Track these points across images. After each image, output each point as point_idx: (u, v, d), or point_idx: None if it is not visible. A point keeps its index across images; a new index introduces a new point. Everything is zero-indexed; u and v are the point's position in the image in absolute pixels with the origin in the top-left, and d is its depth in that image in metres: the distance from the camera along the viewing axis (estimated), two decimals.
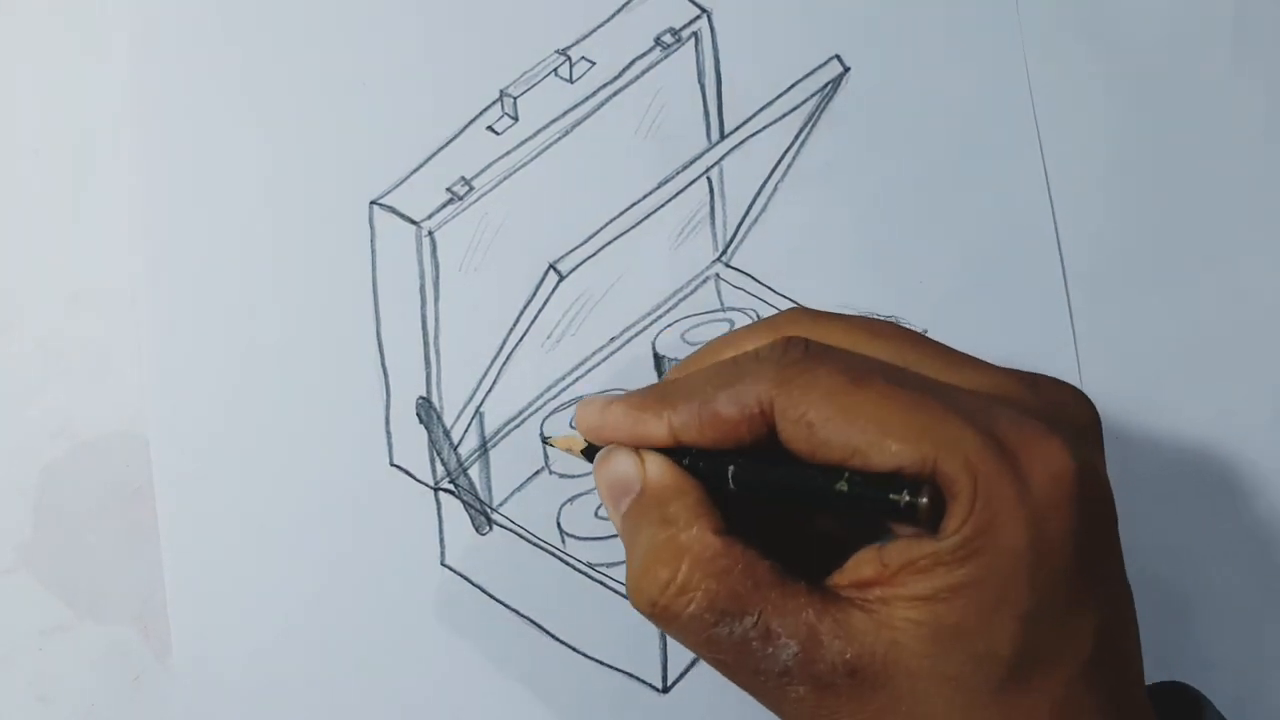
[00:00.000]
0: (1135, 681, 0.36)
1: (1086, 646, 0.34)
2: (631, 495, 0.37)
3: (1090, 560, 0.34)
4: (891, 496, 0.33)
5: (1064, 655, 0.34)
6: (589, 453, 0.39)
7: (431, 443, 0.47)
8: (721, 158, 0.48)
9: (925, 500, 0.33)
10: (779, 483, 0.35)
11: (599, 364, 0.48)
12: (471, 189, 0.46)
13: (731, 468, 0.36)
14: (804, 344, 0.36)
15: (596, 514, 0.47)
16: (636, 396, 0.37)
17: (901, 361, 0.36)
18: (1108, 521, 0.35)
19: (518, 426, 0.48)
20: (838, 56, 0.50)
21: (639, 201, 0.47)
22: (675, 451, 0.37)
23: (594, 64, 0.48)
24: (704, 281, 0.50)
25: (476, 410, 0.47)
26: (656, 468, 0.37)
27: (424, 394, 0.47)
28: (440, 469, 0.47)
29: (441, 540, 0.47)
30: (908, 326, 0.38)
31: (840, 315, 0.38)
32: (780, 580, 0.34)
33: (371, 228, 0.47)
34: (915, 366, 0.36)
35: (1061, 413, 0.35)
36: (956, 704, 0.33)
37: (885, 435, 0.33)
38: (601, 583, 0.47)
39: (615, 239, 0.46)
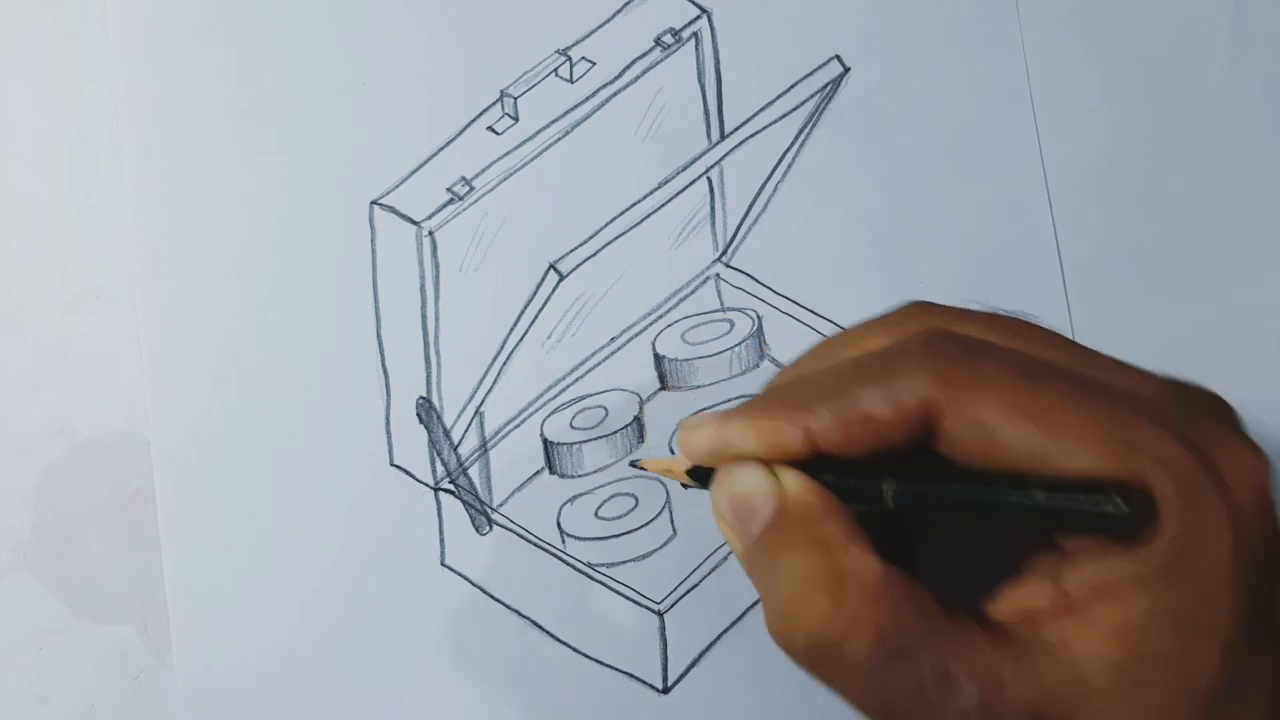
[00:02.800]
0: None
1: (1275, 677, 0.30)
2: (763, 519, 0.32)
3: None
4: (1101, 507, 0.29)
5: (1257, 687, 0.30)
6: (698, 474, 0.34)
7: (431, 443, 0.47)
8: (722, 158, 0.48)
9: (1136, 506, 0.29)
10: (952, 499, 0.30)
11: (599, 364, 0.48)
12: (472, 189, 0.46)
13: (893, 483, 0.31)
14: (957, 338, 0.31)
15: (596, 514, 0.47)
16: (758, 405, 0.32)
17: (1057, 361, 0.31)
18: None
19: (518, 426, 0.48)
20: (838, 57, 0.50)
21: (639, 201, 0.47)
22: (812, 466, 0.32)
23: (594, 64, 0.48)
24: (704, 281, 0.50)
25: (477, 410, 0.47)
26: (797, 483, 0.32)
27: (424, 394, 0.47)
28: (440, 469, 0.47)
29: (441, 540, 0.47)
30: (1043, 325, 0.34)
31: (970, 311, 0.33)
32: (952, 615, 0.30)
33: (372, 228, 0.47)
34: (1070, 364, 0.31)
35: (1232, 419, 0.32)
36: None
37: (1075, 438, 0.29)
38: (602, 583, 0.47)
39: (615, 239, 0.46)
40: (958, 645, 0.30)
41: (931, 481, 0.31)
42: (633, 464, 0.39)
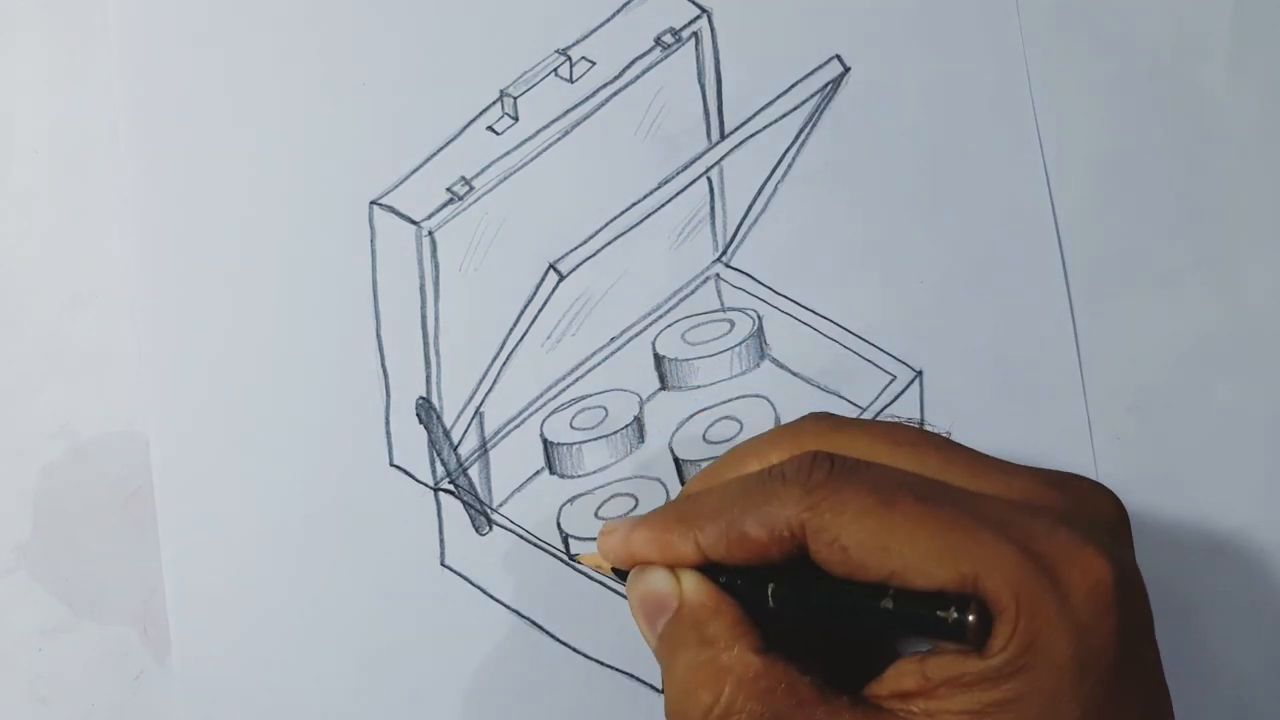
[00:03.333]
0: None
1: None
2: (667, 614, 0.36)
3: (1131, 664, 0.33)
4: (939, 614, 0.33)
5: None
6: (620, 572, 0.39)
7: (431, 443, 0.47)
8: (722, 158, 0.48)
9: (973, 618, 0.32)
10: (820, 603, 0.35)
11: (599, 364, 0.48)
12: (472, 189, 0.46)
13: (771, 586, 0.35)
14: (829, 461, 0.35)
15: (596, 514, 0.47)
16: (659, 518, 0.37)
17: (927, 471, 0.35)
18: (1145, 622, 0.34)
19: (518, 427, 0.48)
20: (838, 56, 0.50)
21: (639, 201, 0.47)
22: (711, 567, 0.36)
23: (594, 64, 0.48)
24: (704, 281, 0.50)
25: (476, 410, 0.47)
26: (693, 585, 0.36)
27: (424, 394, 0.47)
28: (440, 469, 0.47)
29: (441, 540, 0.47)
30: (931, 430, 0.39)
31: (862, 423, 0.38)
32: (823, 697, 0.34)
33: (372, 228, 0.47)
34: (941, 475, 0.35)
35: (1092, 514, 0.35)
36: None
37: (923, 557, 0.33)
38: (602, 583, 0.47)
39: (615, 239, 0.46)
40: None
41: (805, 587, 0.35)
42: (572, 558, 0.46)
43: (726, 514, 0.36)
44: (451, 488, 0.47)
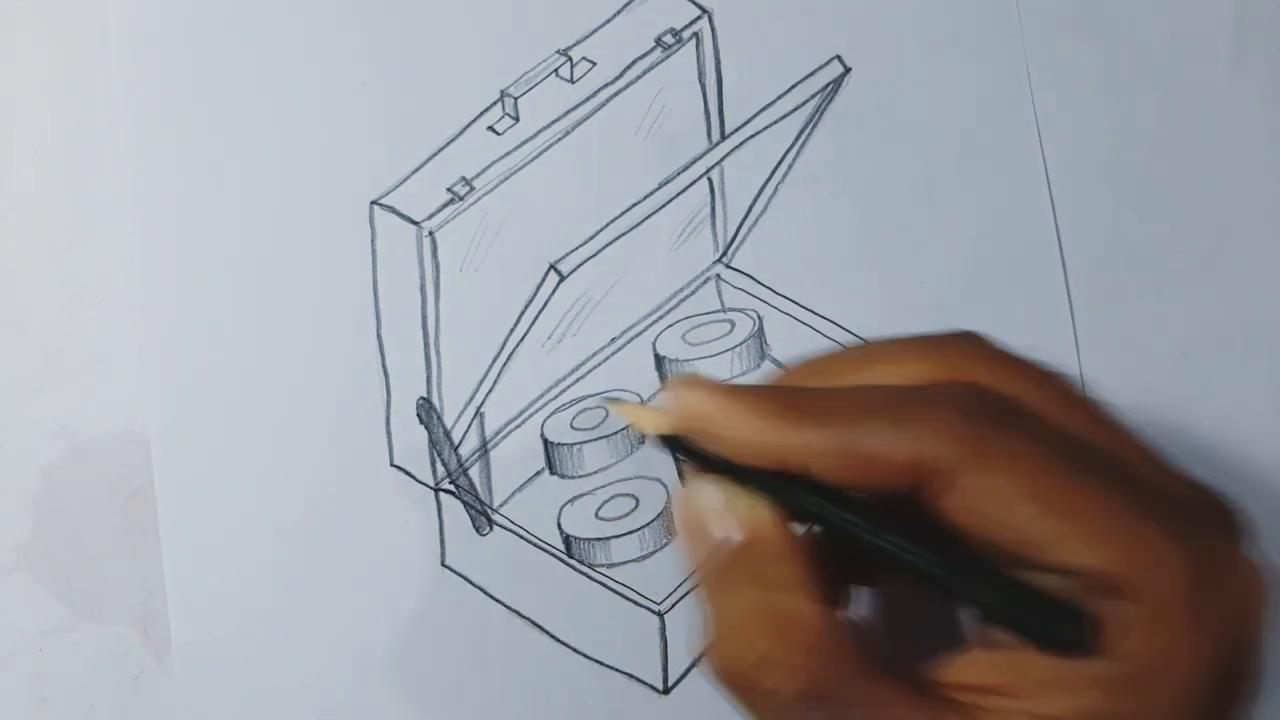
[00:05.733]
0: None
1: None
2: (725, 541, 0.31)
3: (1229, 701, 0.30)
4: (1056, 626, 0.29)
5: None
6: (669, 441, 0.32)
7: (432, 443, 0.47)
8: (722, 158, 0.48)
9: (1085, 633, 0.29)
10: (924, 568, 0.30)
11: (600, 364, 0.48)
12: (472, 189, 0.46)
13: (874, 530, 0.30)
14: (993, 399, 0.30)
15: (597, 514, 0.47)
16: (766, 398, 0.31)
17: (1093, 439, 0.31)
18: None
19: (518, 427, 0.48)
20: (839, 57, 0.50)
21: (640, 202, 0.47)
22: (790, 486, 0.31)
23: (595, 64, 0.48)
24: (705, 282, 0.50)
25: (477, 411, 0.47)
26: (764, 518, 0.31)
27: (424, 394, 0.47)
28: (441, 469, 0.47)
29: (442, 541, 0.47)
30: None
31: (1024, 363, 0.33)
32: (882, 675, 0.30)
33: (372, 228, 0.47)
34: (1105, 445, 0.31)
35: (1240, 530, 0.32)
36: None
37: (1080, 533, 0.29)
38: (602, 584, 0.47)
39: (616, 239, 0.46)
40: (886, 702, 0.30)
41: (904, 539, 0.30)
42: (608, 403, 0.40)
43: (853, 422, 0.30)
44: (452, 488, 0.47)
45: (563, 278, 0.45)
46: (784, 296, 0.49)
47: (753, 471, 0.31)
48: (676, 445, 0.32)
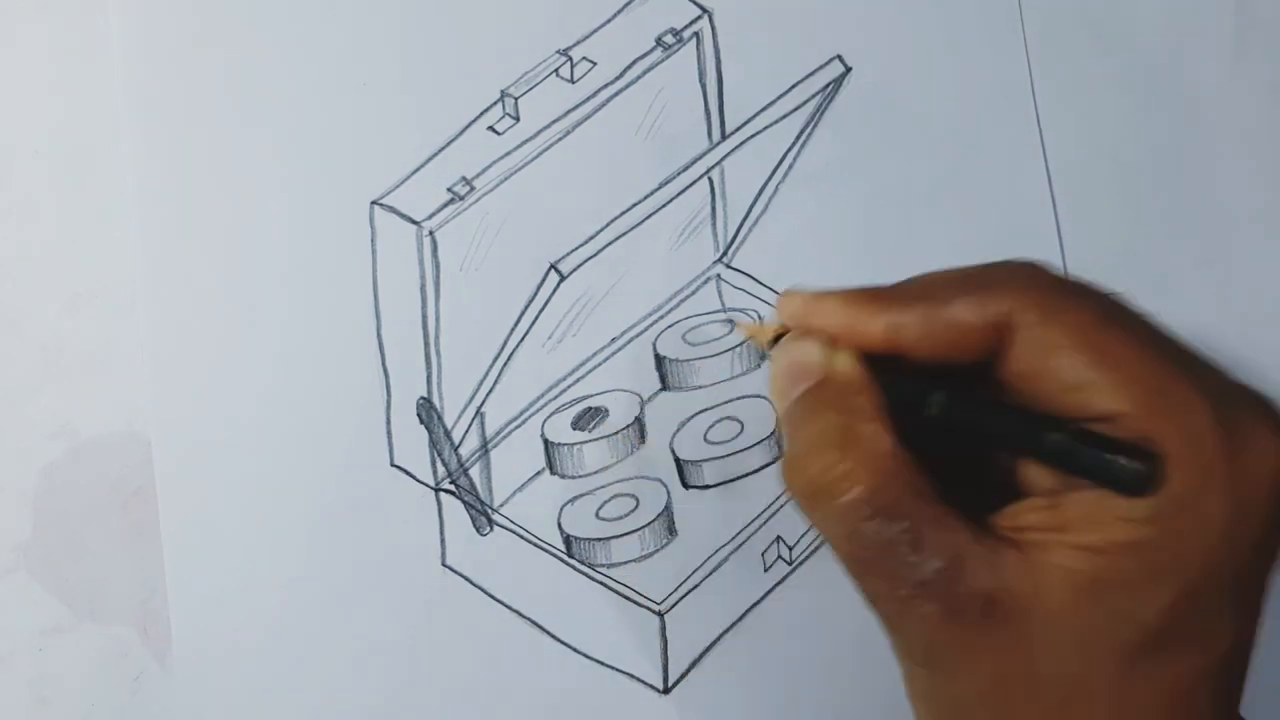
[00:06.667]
0: (1237, 702, 0.34)
1: (1224, 646, 0.33)
2: (809, 382, 0.35)
3: (1261, 567, 0.33)
4: (1119, 459, 0.32)
5: (1203, 645, 0.32)
6: (780, 340, 0.37)
7: (432, 443, 0.47)
8: (723, 158, 0.48)
9: (1147, 469, 0.31)
10: (985, 424, 0.34)
11: (600, 364, 0.48)
12: (472, 189, 0.46)
13: (939, 396, 0.34)
14: (1051, 272, 0.34)
15: (597, 514, 0.47)
16: (851, 292, 0.35)
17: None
18: None
19: (519, 427, 0.48)
20: (839, 57, 0.50)
21: (640, 202, 0.47)
22: (881, 365, 0.35)
23: (595, 64, 0.48)
24: (705, 282, 0.50)
25: (477, 410, 0.47)
26: (847, 361, 0.35)
27: (425, 394, 0.47)
28: (441, 469, 0.47)
29: (442, 540, 0.47)
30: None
31: (1076, 280, 0.36)
32: (942, 501, 0.33)
33: (372, 228, 0.47)
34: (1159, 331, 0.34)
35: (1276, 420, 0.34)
36: (1081, 659, 0.32)
37: (1122, 379, 0.32)
38: (602, 583, 0.47)
39: (616, 239, 0.46)
40: (937, 522, 0.33)
41: (974, 401, 0.34)
42: (729, 320, 0.45)
43: (934, 296, 0.34)
44: (452, 488, 0.47)
45: (563, 278, 0.45)
46: None
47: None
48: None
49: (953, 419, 0.34)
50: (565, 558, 0.47)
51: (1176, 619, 0.32)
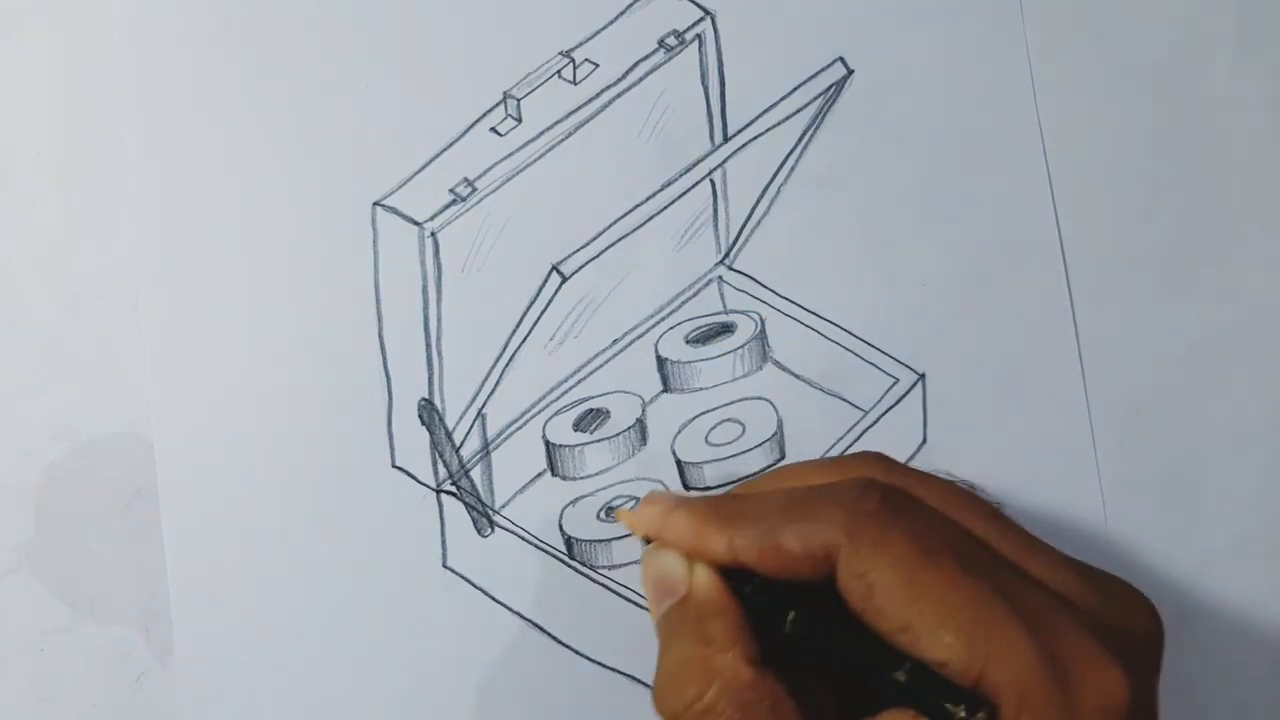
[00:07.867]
0: None
1: None
2: (674, 598, 0.36)
3: None
4: (949, 706, 0.32)
5: None
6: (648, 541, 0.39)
7: (433, 444, 0.47)
8: (725, 160, 0.48)
9: (986, 717, 0.32)
10: (835, 649, 0.34)
11: (601, 366, 0.48)
12: (474, 190, 0.46)
13: (791, 615, 0.35)
14: (881, 492, 0.35)
15: (599, 516, 0.47)
16: (700, 507, 0.37)
17: (988, 540, 0.35)
18: None
19: (520, 428, 0.48)
20: (841, 59, 0.50)
21: (642, 203, 0.47)
22: (738, 576, 0.36)
23: (597, 66, 0.48)
24: (707, 284, 0.50)
25: (479, 412, 0.47)
26: (705, 580, 0.36)
27: (426, 395, 0.47)
28: (442, 471, 0.47)
29: (443, 542, 0.47)
30: (984, 498, 0.38)
31: (917, 472, 0.37)
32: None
33: (374, 229, 0.47)
34: (999, 545, 0.35)
35: (1127, 625, 0.34)
36: None
37: (943, 624, 0.32)
38: (604, 585, 0.47)
39: (618, 241, 0.46)
40: None
41: (824, 627, 0.35)
42: (610, 512, 0.46)
43: (766, 520, 0.35)
44: (454, 489, 0.47)
45: (565, 279, 0.45)
46: (786, 299, 0.49)
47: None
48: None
49: (805, 641, 0.35)
50: (567, 559, 0.47)
51: None
